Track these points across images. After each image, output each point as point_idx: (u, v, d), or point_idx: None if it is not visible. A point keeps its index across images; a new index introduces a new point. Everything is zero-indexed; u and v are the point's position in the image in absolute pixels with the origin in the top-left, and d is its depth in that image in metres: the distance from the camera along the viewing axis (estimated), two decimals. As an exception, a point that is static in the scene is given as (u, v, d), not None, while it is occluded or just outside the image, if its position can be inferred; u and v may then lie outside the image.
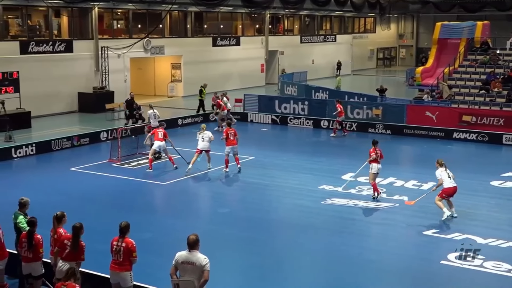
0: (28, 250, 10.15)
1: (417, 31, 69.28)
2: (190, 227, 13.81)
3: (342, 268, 12.69)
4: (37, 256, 10.15)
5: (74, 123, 29.36)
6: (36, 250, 10.12)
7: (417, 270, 12.60)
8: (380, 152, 17.26)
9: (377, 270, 12.59)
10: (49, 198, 16.69)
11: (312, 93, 36.45)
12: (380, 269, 12.63)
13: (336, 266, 12.86)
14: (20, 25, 32.32)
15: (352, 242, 14.10)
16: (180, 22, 41.02)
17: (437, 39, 39.26)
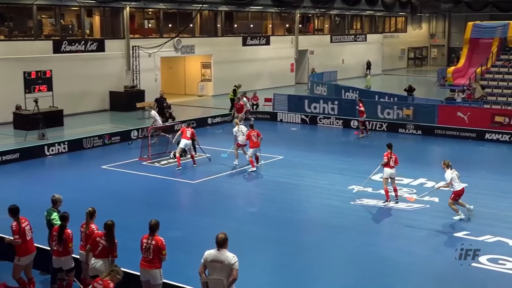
0: (59, 244, 10.31)
1: (449, 31, 68.47)
2: (219, 225, 13.84)
3: (372, 269, 12.58)
4: (67, 250, 10.32)
5: (105, 121, 29.65)
6: (65, 244, 10.28)
7: (448, 272, 12.44)
8: (395, 157, 16.76)
9: (407, 272, 12.47)
10: (80, 195, 16.87)
11: (342, 92, 36.28)
12: (410, 271, 12.50)
13: (366, 267, 12.76)
14: (53, 24, 32.76)
15: (381, 243, 14.00)
16: (210, 22, 41.18)
17: (469, 39, 38.76)
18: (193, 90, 40.58)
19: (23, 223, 10.49)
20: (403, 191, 17.96)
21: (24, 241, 10.43)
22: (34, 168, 21.12)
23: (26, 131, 24.80)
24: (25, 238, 10.44)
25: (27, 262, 10.57)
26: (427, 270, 12.54)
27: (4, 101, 27.55)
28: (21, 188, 18.80)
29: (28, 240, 10.50)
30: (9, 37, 29.57)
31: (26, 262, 10.56)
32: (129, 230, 13.53)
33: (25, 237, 10.44)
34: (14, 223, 10.42)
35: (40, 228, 11.67)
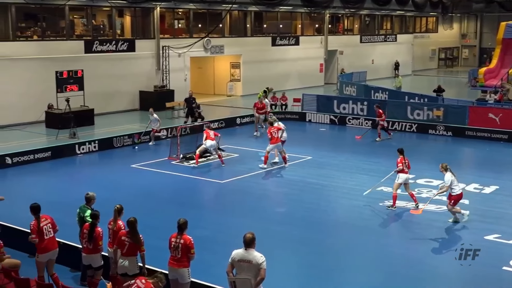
0: (89, 241, 10.45)
1: (481, 31, 67.59)
2: (247, 225, 13.88)
3: (401, 272, 12.48)
4: (97, 248, 10.45)
5: (135, 121, 29.89)
6: (95, 243, 10.41)
7: (478, 275, 12.27)
8: (408, 161, 16.52)
9: (437, 275, 12.33)
10: (110, 194, 17.05)
11: (371, 93, 36.05)
12: (441, 274, 12.36)
13: (395, 269, 12.66)
14: (85, 24, 33.16)
15: (410, 245, 13.87)
16: (240, 22, 41.27)
17: (501, 39, 38.29)
18: (222, 90, 40.71)
19: (43, 222, 10.67)
20: (432, 192, 17.77)
21: (42, 240, 10.59)
22: (65, 166, 21.41)
23: (58, 130, 25.15)
24: (43, 236, 10.60)
25: (46, 259, 10.74)
26: (457, 274, 12.39)
27: (37, 100, 27.98)
28: (52, 186, 19.08)
29: (46, 239, 10.65)
30: (42, 37, 30.00)
31: (45, 259, 10.73)
32: (158, 228, 13.64)
33: (43, 236, 10.60)
34: (33, 222, 10.64)
35: (70, 225, 11.85)
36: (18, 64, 28.04)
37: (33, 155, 21.50)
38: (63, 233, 12.25)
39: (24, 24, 30.48)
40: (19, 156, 21.12)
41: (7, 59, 27.64)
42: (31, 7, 29.28)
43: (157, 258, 10.74)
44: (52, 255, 10.81)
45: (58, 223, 10.98)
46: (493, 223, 15.17)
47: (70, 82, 28.08)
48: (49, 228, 10.73)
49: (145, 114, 31.87)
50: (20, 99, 27.86)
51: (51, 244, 10.76)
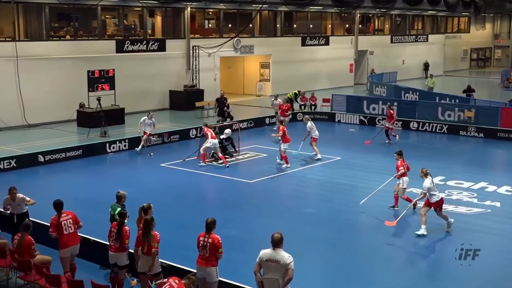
0: (116, 240, 10.54)
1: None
2: (275, 225, 13.84)
3: (430, 274, 12.37)
4: (123, 247, 10.54)
5: (165, 120, 30.07)
6: (122, 241, 10.51)
7: (510, 279, 12.10)
8: (407, 163, 16.19)
9: (468, 278, 12.16)
10: (139, 192, 17.18)
11: (401, 94, 35.74)
12: (471, 277, 12.18)
13: (424, 271, 12.55)
14: (116, 24, 33.48)
15: (440, 248, 13.72)
16: (269, 22, 41.26)
17: (535, 39, 37.60)
18: (251, 89, 40.76)
19: (63, 217, 10.86)
20: (463, 194, 17.59)
21: (61, 235, 10.80)
22: (95, 164, 21.64)
23: (89, 128, 25.43)
24: (62, 231, 10.80)
25: (67, 254, 10.94)
26: (488, 277, 12.21)
27: (69, 99, 28.34)
28: (83, 184, 19.29)
29: (66, 234, 10.83)
30: (74, 37, 30.38)
31: (67, 254, 10.93)
32: (186, 227, 13.72)
33: (62, 231, 10.79)
34: (54, 217, 10.90)
35: (101, 223, 11.98)
36: (51, 63, 28.44)
37: (64, 153, 21.79)
38: (93, 231, 12.42)
39: (57, 24, 30.89)
40: (51, 154, 21.42)
41: (40, 59, 28.05)
42: (64, 7, 29.68)
43: (185, 257, 10.81)
44: (73, 250, 11.02)
45: (88, 221, 11.12)
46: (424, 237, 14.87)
47: (102, 81, 28.37)
48: (70, 224, 10.90)
49: (174, 113, 32.12)
50: (52, 98, 28.26)
51: (71, 240, 10.94)
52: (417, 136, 27.78)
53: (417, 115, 29.28)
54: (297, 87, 35.73)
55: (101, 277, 11.50)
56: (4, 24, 28.47)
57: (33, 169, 20.51)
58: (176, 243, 10.37)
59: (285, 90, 34.55)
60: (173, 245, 11.28)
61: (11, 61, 26.85)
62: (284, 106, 26.80)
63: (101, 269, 11.88)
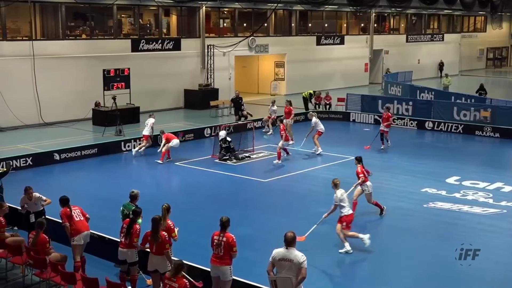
0: (126, 236, 10.64)
1: (531, 30, 66.06)
2: (289, 224, 13.85)
3: (445, 274, 12.30)
4: (131, 244, 10.63)
5: (180, 119, 30.18)
6: (131, 238, 10.60)
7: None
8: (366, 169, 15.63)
9: (482, 280, 12.08)
10: (154, 191, 17.28)
11: (417, 93, 35.58)
12: (485, 279, 12.11)
13: (439, 271, 12.49)
14: (132, 24, 33.63)
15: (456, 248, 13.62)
16: (284, 21, 41.24)
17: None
18: (266, 89, 40.76)
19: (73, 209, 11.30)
20: (478, 195, 17.48)
21: (73, 222, 11.19)
22: (111, 163, 21.77)
23: (104, 127, 25.57)
24: (73, 220, 11.20)
25: (81, 241, 11.22)
26: (503, 279, 12.13)
27: (85, 98, 28.52)
28: (98, 182, 19.43)
29: (77, 221, 11.23)
30: (90, 36, 30.55)
31: (81, 241, 11.22)
32: (200, 226, 13.76)
33: (73, 219, 11.20)
34: (62, 210, 11.33)
35: (115, 221, 12.05)
36: (67, 62, 28.64)
37: (80, 151, 21.94)
38: (107, 228, 12.52)
39: (73, 23, 31.11)
40: (66, 153, 21.57)
41: (57, 58, 28.26)
42: (80, 6, 29.90)
43: (199, 255, 10.85)
44: (86, 237, 11.31)
45: (102, 219, 11.27)
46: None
47: (117, 80, 28.50)
48: (79, 213, 11.35)
49: (189, 112, 32.20)
50: (68, 96, 28.46)
51: (83, 226, 11.29)
52: (432, 136, 27.65)
53: (433, 114, 29.14)
54: (312, 86, 35.71)
55: (115, 275, 11.57)
56: (21, 23, 28.71)
57: (49, 167, 20.67)
58: (190, 241, 10.43)
59: (299, 90, 34.56)
60: (187, 243, 11.32)
61: (27, 60, 27.08)
62: (286, 109, 26.17)
63: (116, 266, 11.94)
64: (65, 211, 11.26)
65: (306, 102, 31.88)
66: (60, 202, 11.40)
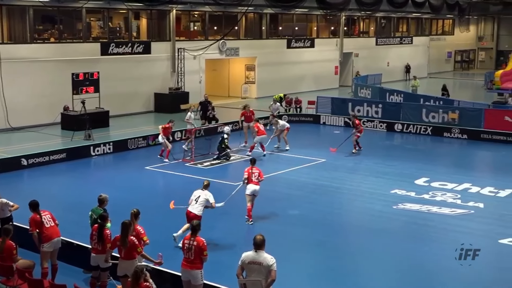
0: (98, 242, 10.54)
1: (498, 33, 67.09)
2: (260, 227, 13.86)
3: (415, 275, 12.42)
4: (105, 249, 10.53)
5: (150, 122, 30.00)
6: (104, 244, 10.50)
7: (493, 279, 12.20)
8: (258, 171, 15.40)
9: (452, 279, 12.24)
10: (124, 195, 17.13)
11: (386, 96, 35.91)
12: (455, 278, 12.26)
13: (409, 272, 12.60)
14: (101, 27, 33.33)
15: (425, 249, 13.78)
16: (255, 24, 41.27)
17: (518, 42, 37.96)
18: (236, 92, 40.73)
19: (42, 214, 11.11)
20: (447, 195, 17.70)
21: (44, 229, 11.02)
22: (80, 167, 21.52)
23: (73, 131, 25.27)
24: (44, 226, 11.03)
25: (51, 248, 11.07)
26: (472, 278, 12.28)
27: (53, 102, 28.14)
28: (67, 187, 19.19)
29: (48, 227, 11.07)
30: (59, 39, 30.18)
31: (51, 248, 11.06)
32: (171, 230, 13.67)
33: (44, 226, 11.03)
34: (32, 216, 11.13)
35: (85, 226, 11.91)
36: (35, 66, 28.23)
37: (48, 156, 21.64)
38: (76, 233, 12.37)
39: (41, 27, 30.70)
40: (34, 158, 21.25)
41: (24, 61, 27.83)
42: (49, 9, 29.52)
43: (171, 259, 10.77)
44: (57, 243, 11.16)
45: (71, 224, 11.13)
46: (508, 227, 15.05)
47: (86, 84, 28.21)
48: (49, 219, 11.18)
49: (159, 116, 32.01)
50: (36, 100, 28.05)
51: (54, 233, 11.14)
52: (402, 138, 27.93)
53: (402, 117, 29.44)
54: (283, 89, 35.83)
55: (83, 281, 11.43)
56: (-12, 27, 28.28)
57: (16, 172, 20.34)
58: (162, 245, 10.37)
59: (270, 92, 34.62)
60: (158, 247, 11.23)
61: (-6, 64, 26.65)
62: (248, 113, 26.03)
63: (85, 273, 11.81)
64: (35, 218, 11.05)
65: (278, 105, 31.93)
66: (29, 207, 11.23)
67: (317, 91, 39.49)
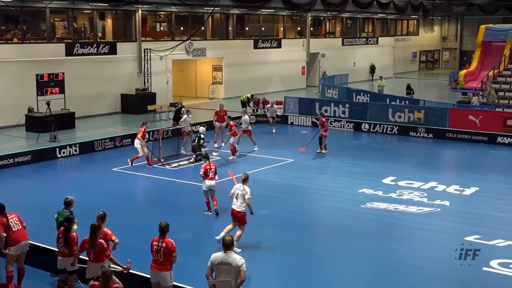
0: (64, 246, 10.41)
1: (461, 34, 68.17)
2: (229, 228, 13.80)
3: (385, 273, 12.53)
4: (72, 252, 10.41)
5: (117, 124, 29.74)
6: (71, 247, 10.37)
7: (459, 276, 12.36)
8: (215, 167, 16.01)
9: (419, 276, 12.39)
10: (91, 197, 16.94)
11: (353, 96, 36.19)
12: (422, 275, 12.42)
13: (378, 271, 12.71)
14: (66, 27, 32.93)
15: (393, 247, 13.92)
16: (222, 25, 41.23)
17: (481, 42, 38.64)
18: (204, 92, 40.64)
19: (9, 217, 10.90)
20: (414, 194, 17.90)
21: (11, 232, 10.84)
22: (45, 170, 21.22)
23: (38, 133, 24.93)
24: (11, 229, 10.84)
25: (18, 252, 10.88)
26: (439, 275, 12.45)
27: (17, 104, 27.70)
28: (32, 189, 18.89)
29: (15, 231, 10.88)
30: (22, 39, 29.74)
31: (18, 252, 10.87)
32: (140, 232, 13.57)
33: (11, 229, 10.84)
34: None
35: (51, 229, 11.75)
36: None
37: (13, 159, 21.27)
38: (44, 237, 12.18)
39: (4, 27, 30.21)
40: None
41: (-14, 62, 27.39)
42: (11, 9, 29.04)
43: (139, 261, 10.68)
44: (24, 247, 10.96)
45: (37, 227, 10.93)
46: (474, 224, 15.29)
47: (51, 85, 27.86)
48: (16, 221, 10.98)
49: (126, 117, 31.75)
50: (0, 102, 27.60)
51: (21, 236, 10.94)
52: (369, 137, 28.17)
53: (368, 116, 29.70)
54: (250, 89, 35.85)
55: (50, 284, 11.27)
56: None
57: (-20, 175, 19.99)
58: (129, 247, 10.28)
59: (238, 93, 34.58)
60: (127, 249, 11.13)
61: (-44, 65, 26.13)
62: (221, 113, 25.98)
63: (52, 276, 11.64)
64: (1, 221, 10.83)
65: (244, 105, 31.94)
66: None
67: (284, 91, 39.63)
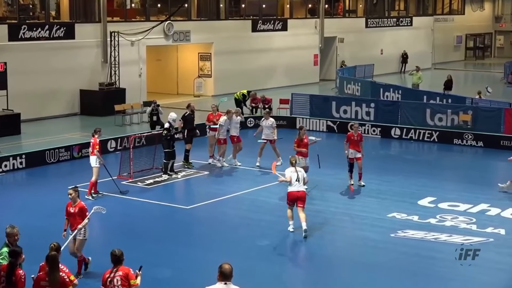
0: (7, 286, 10.39)
1: (520, 13, 68.48)
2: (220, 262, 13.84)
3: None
4: None
5: (75, 129, 29.79)
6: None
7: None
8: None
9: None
10: (42, 223, 16.98)
11: (380, 92, 36.29)
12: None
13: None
14: (9, 4, 33.04)
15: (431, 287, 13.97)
16: (211, 1, 41.32)
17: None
18: (188, 88, 40.71)
19: None
20: (459, 220, 17.90)
21: None
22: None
23: (-27, 141, 25.04)
24: None
25: None
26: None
27: None
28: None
29: None
30: (-48, 20, 29.94)
31: None
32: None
33: None
34: None
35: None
36: None
37: None
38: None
39: None
40: None
41: None
42: None
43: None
44: None
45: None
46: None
47: (-10, 78, 28.02)
48: None
49: (87, 120, 31.80)
50: None
51: None
52: (400, 146, 28.23)
53: (400, 119, 29.72)
54: (247, 85, 35.91)
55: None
56: None
57: None
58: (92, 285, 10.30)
59: (231, 89, 34.70)
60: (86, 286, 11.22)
61: None
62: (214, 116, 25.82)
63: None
64: None
65: (239, 105, 31.89)
66: None
67: (291, 87, 39.76)
